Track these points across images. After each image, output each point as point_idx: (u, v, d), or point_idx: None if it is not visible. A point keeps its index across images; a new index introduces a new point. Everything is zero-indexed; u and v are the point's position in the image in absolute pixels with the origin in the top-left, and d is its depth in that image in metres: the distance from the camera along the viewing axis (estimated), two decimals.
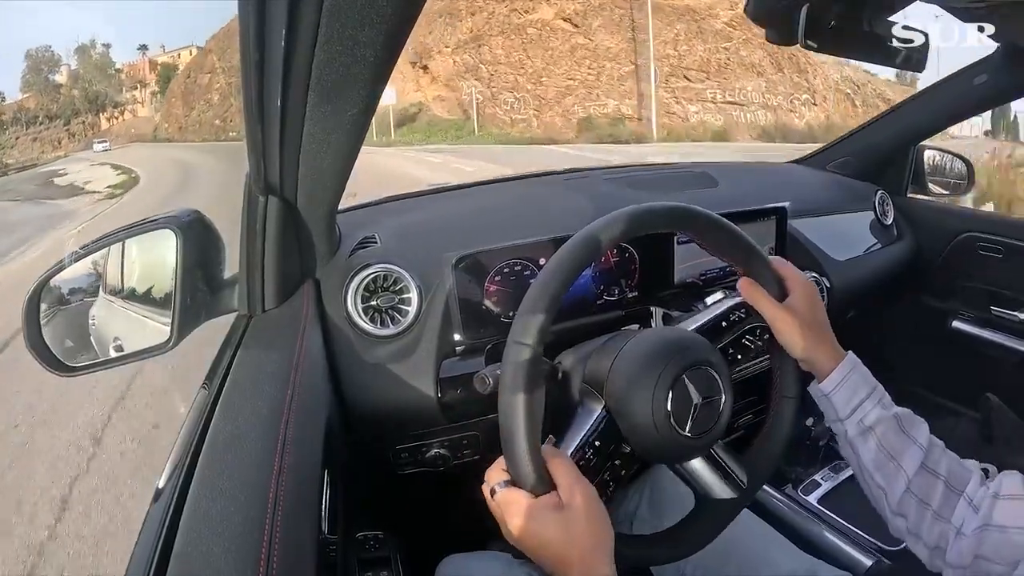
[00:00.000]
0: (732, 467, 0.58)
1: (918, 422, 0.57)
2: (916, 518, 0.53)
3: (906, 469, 0.54)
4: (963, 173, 1.36)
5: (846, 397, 0.57)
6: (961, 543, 0.50)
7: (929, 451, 0.55)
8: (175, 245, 0.63)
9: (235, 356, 0.56)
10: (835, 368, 0.57)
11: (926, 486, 0.53)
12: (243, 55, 0.41)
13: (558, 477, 0.48)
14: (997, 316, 1.22)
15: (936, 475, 0.53)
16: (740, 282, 0.58)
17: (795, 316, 0.57)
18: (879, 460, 0.55)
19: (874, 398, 0.57)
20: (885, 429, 0.56)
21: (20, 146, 55.20)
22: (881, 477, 0.55)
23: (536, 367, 0.47)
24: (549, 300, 0.48)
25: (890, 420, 0.56)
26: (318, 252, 0.73)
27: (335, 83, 0.42)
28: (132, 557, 0.39)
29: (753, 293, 0.58)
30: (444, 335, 0.74)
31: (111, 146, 38.44)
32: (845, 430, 0.58)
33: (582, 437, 0.53)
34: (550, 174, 1.28)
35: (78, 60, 59.62)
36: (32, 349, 0.61)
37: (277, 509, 0.37)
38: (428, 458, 0.79)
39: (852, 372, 0.57)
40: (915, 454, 0.54)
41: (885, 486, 0.55)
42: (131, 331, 0.71)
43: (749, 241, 0.58)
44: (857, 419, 0.57)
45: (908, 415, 0.57)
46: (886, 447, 0.55)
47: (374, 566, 0.66)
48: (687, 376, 0.52)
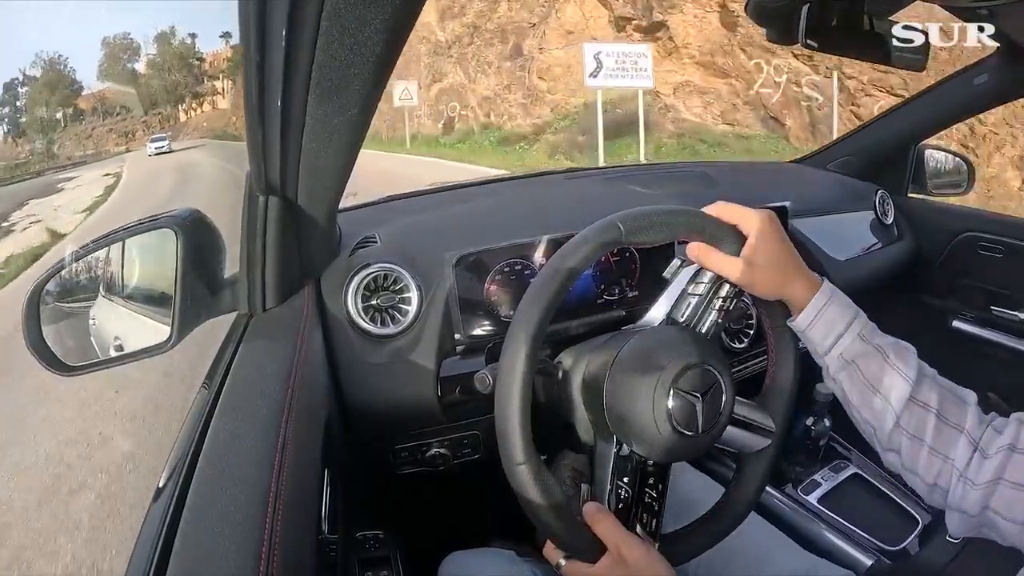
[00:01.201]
0: (755, 418, 0.58)
1: (905, 351, 0.53)
2: (910, 453, 0.51)
3: (893, 403, 0.51)
4: (963, 173, 1.36)
5: (823, 332, 0.54)
6: (969, 492, 0.48)
7: (918, 382, 0.51)
8: (175, 244, 0.63)
9: (235, 356, 0.56)
10: (810, 301, 0.54)
11: (916, 420, 0.51)
12: (243, 55, 0.41)
13: (605, 540, 0.51)
14: (997, 316, 1.22)
15: (927, 408, 0.51)
16: (688, 248, 0.55)
17: (756, 261, 0.53)
18: (864, 395, 0.52)
19: (853, 330, 0.53)
20: (868, 362, 0.52)
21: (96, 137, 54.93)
22: (868, 412, 0.53)
23: (538, 469, 0.50)
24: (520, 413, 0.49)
25: (872, 352, 0.53)
26: (318, 251, 0.73)
27: (335, 83, 0.42)
28: (132, 556, 0.39)
29: (703, 255, 0.54)
30: (444, 334, 0.74)
31: (170, 145, 33.70)
32: (827, 365, 0.55)
33: (609, 480, 0.55)
34: (550, 174, 1.28)
35: (157, 48, 59.21)
36: (32, 349, 0.61)
37: (277, 508, 0.37)
38: (428, 458, 0.79)
39: (828, 304, 0.54)
40: (902, 387, 0.51)
41: (874, 421, 0.53)
42: (131, 330, 0.71)
43: (679, 211, 0.55)
44: (836, 354, 0.53)
45: (894, 344, 0.54)
46: (870, 381, 0.52)
47: (374, 566, 0.66)
48: (687, 375, 0.52)
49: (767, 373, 0.61)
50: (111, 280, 0.76)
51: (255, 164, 0.52)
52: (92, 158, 42.10)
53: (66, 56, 62.96)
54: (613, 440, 0.55)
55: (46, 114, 59.55)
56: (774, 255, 0.54)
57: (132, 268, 0.75)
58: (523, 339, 0.50)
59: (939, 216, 1.32)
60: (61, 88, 59.52)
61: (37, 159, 49.25)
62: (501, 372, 0.50)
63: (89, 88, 61.93)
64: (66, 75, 61.08)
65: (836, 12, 0.56)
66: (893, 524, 0.92)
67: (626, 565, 0.49)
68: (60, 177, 29.43)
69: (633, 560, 0.49)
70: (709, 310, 0.58)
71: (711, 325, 0.58)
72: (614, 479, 0.55)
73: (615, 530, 0.51)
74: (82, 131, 57.81)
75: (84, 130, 58.05)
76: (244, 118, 0.48)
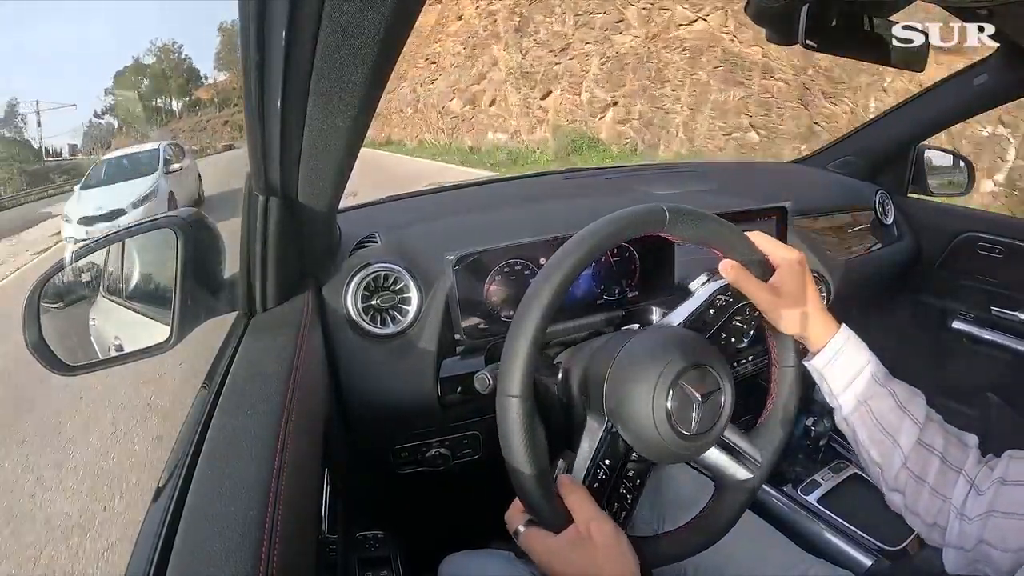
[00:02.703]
0: (743, 447, 0.58)
1: (915, 396, 0.56)
2: (913, 494, 0.53)
3: (902, 445, 0.53)
4: (963, 173, 1.36)
5: (839, 372, 0.56)
6: (965, 527, 0.49)
7: (925, 426, 0.54)
8: (175, 244, 0.63)
9: (235, 356, 0.56)
10: (828, 342, 0.56)
11: (922, 461, 0.52)
12: (243, 55, 0.41)
13: (575, 512, 0.50)
14: (997, 316, 1.22)
15: (932, 450, 0.52)
16: (722, 264, 0.56)
17: (782, 294, 0.55)
18: (874, 436, 0.54)
19: (868, 372, 0.55)
20: (880, 404, 0.54)
21: (210, 129, 51.77)
22: (877, 453, 0.55)
23: (529, 415, 0.49)
24: (527, 349, 0.49)
25: (885, 395, 0.55)
26: (318, 251, 0.73)
27: (335, 83, 0.42)
28: (132, 556, 0.39)
29: (737, 275, 0.55)
30: (444, 335, 0.74)
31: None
32: (840, 405, 0.57)
33: (591, 459, 0.54)
34: (550, 174, 1.28)
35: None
36: (33, 349, 0.61)
37: (277, 509, 0.37)
38: (428, 458, 0.79)
39: (845, 345, 0.56)
40: (911, 429, 0.53)
41: (881, 462, 0.54)
42: (131, 330, 0.71)
43: (725, 224, 0.56)
44: (852, 394, 0.55)
45: (905, 389, 0.56)
46: (881, 423, 0.54)
47: (374, 566, 0.66)
48: (687, 375, 0.52)
49: (764, 410, 0.61)
50: (111, 280, 0.76)
51: (255, 164, 0.52)
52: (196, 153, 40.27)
53: (181, 44, 61.32)
54: (606, 420, 0.54)
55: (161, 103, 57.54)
56: (798, 291, 0.56)
57: (132, 268, 0.75)
58: (558, 274, 0.49)
59: (939, 216, 1.32)
60: (175, 77, 57.60)
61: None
62: (524, 300, 0.50)
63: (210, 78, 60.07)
64: (181, 63, 59.06)
65: (836, 12, 0.56)
66: (893, 524, 0.92)
67: (591, 543, 0.48)
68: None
69: (602, 539, 0.48)
70: (725, 328, 0.60)
71: (723, 342, 0.59)
72: (596, 457, 0.54)
73: (588, 504, 0.50)
74: (196, 123, 54.27)
75: (199, 121, 54.17)
76: (244, 118, 0.48)
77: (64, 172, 36.62)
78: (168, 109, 58.97)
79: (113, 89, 59.83)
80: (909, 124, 1.26)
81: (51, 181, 29.55)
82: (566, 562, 0.48)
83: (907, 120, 1.26)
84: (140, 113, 55.27)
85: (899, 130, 1.28)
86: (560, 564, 0.48)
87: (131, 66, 59.41)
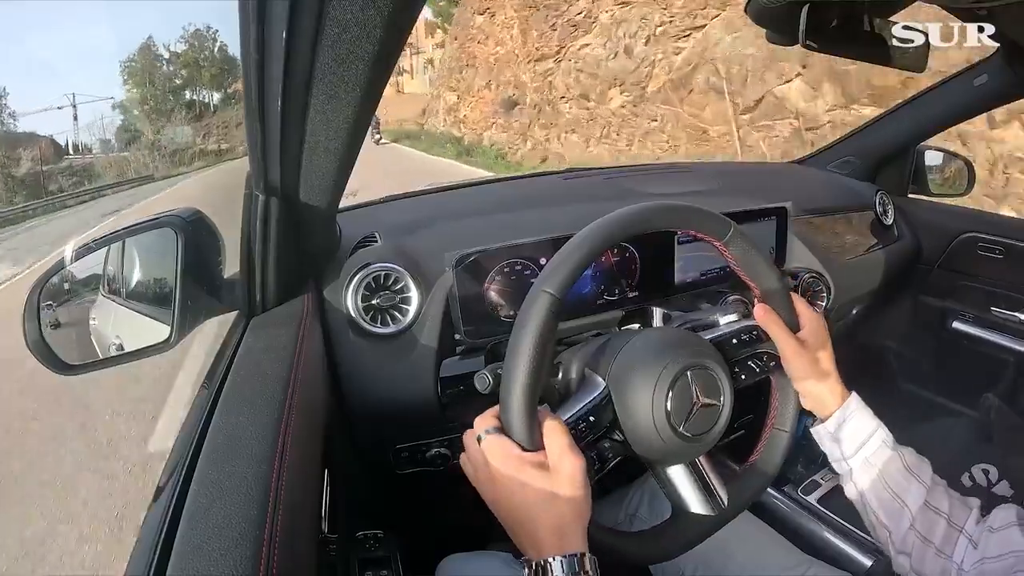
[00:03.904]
0: (715, 484, 0.57)
1: (922, 461, 0.58)
2: (919, 555, 0.54)
3: (910, 507, 0.54)
4: (963, 173, 1.36)
5: (851, 435, 0.58)
6: None
7: (932, 489, 0.55)
8: (175, 244, 0.63)
9: (235, 356, 0.56)
10: (840, 406, 0.58)
11: (929, 523, 0.54)
12: (243, 55, 0.41)
13: (550, 441, 0.46)
14: (997, 317, 1.22)
15: (939, 513, 0.54)
16: (757, 307, 0.59)
17: (806, 348, 0.58)
18: (883, 498, 0.56)
19: (878, 436, 0.57)
20: (889, 467, 0.56)
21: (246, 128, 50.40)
22: (886, 515, 0.56)
23: (554, 320, 0.47)
24: (581, 256, 0.49)
25: (894, 458, 0.56)
26: (318, 251, 0.73)
27: (335, 83, 0.42)
28: (132, 556, 0.39)
29: (769, 319, 0.59)
30: (444, 334, 0.74)
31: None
32: (850, 468, 0.58)
33: (580, 408, 0.52)
34: (550, 174, 1.28)
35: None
36: (33, 348, 0.61)
37: (277, 508, 0.37)
38: (428, 458, 0.79)
39: (856, 411, 0.58)
40: (919, 491, 0.55)
41: (890, 524, 0.55)
42: (131, 330, 0.71)
43: (775, 269, 0.59)
44: (862, 457, 0.57)
45: (911, 453, 0.58)
46: (891, 485, 0.56)
47: (374, 566, 0.66)
48: (690, 374, 0.52)
49: (747, 460, 0.61)
50: (111, 279, 0.76)
51: (255, 164, 0.52)
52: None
53: (215, 29, 51.71)
54: (604, 383, 0.53)
55: (195, 97, 51.23)
56: (820, 350, 0.60)
57: (132, 267, 0.75)
58: (600, 231, 0.50)
59: (939, 217, 1.32)
60: (208, 68, 50.38)
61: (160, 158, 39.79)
62: (602, 220, 0.51)
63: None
64: (216, 53, 50.98)
65: (836, 12, 0.56)
66: None
67: (556, 473, 0.45)
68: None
69: (569, 471, 0.44)
70: (740, 363, 0.60)
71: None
72: (584, 411, 0.52)
73: (566, 438, 0.46)
74: (231, 119, 47.49)
75: (234, 117, 47.12)
76: (244, 118, 0.48)
77: (74, 174, 33.99)
78: (203, 102, 52.38)
79: (127, 81, 52.58)
80: (909, 124, 1.26)
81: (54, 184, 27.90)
82: (522, 478, 0.44)
83: (907, 120, 1.26)
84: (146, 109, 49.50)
85: (899, 130, 1.28)
86: (517, 481, 0.45)
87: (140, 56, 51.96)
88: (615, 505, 0.86)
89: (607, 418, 0.53)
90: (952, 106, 1.16)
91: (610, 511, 0.86)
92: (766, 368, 0.60)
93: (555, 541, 0.43)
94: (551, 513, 0.44)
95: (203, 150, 44.38)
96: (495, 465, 0.46)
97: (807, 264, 1.02)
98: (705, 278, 0.90)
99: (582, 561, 0.43)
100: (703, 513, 0.55)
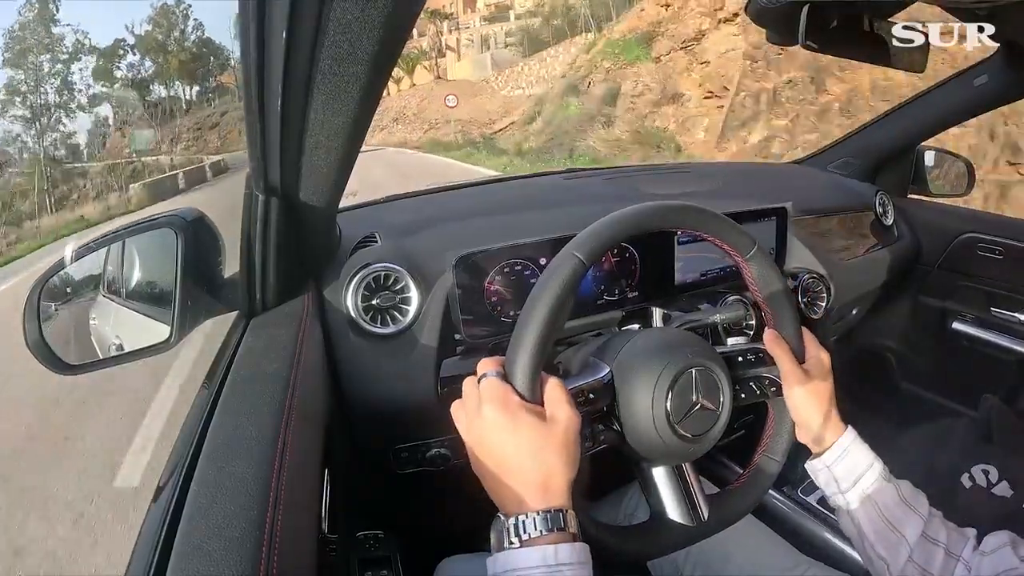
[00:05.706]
0: (698, 497, 0.56)
1: (918, 493, 0.58)
2: None
3: (908, 538, 0.54)
4: (963, 174, 1.36)
5: (848, 468, 0.58)
6: None
7: (929, 520, 0.55)
8: (175, 244, 0.63)
9: (235, 356, 0.56)
10: (836, 440, 0.59)
11: (927, 555, 0.54)
12: (243, 55, 0.41)
13: (549, 393, 0.46)
14: (997, 317, 1.22)
15: (936, 543, 0.54)
16: (766, 333, 0.61)
17: (809, 379, 0.59)
18: (881, 531, 0.56)
19: (875, 469, 0.58)
20: (886, 499, 0.56)
21: (223, 127, 38.97)
22: (883, 548, 0.56)
23: (575, 285, 0.48)
24: (613, 233, 0.50)
25: (891, 490, 0.57)
26: (318, 251, 0.73)
27: (335, 83, 0.42)
28: (132, 556, 0.39)
29: (776, 346, 0.60)
30: (444, 334, 0.74)
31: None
32: (847, 501, 0.58)
33: (582, 382, 0.52)
34: (550, 174, 1.28)
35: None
36: (33, 348, 0.62)
37: (277, 508, 0.37)
38: (428, 458, 0.79)
39: (853, 444, 0.59)
40: (916, 524, 0.55)
41: (887, 557, 0.55)
42: (131, 330, 0.71)
43: (792, 299, 0.60)
44: (859, 490, 0.57)
45: (907, 485, 0.58)
46: (888, 518, 0.56)
47: (374, 566, 0.66)
48: (692, 373, 0.52)
49: (731, 484, 0.61)
50: (112, 279, 0.76)
51: (255, 164, 0.52)
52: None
53: (188, 3, 39.88)
54: (608, 368, 0.53)
55: (166, 92, 40.21)
56: (823, 383, 0.60)
57: (132, 267, 0.75)
58: (636, 215, 0.51)
59: (939, 217, 1.33)
60: (176, 52, 38.99)
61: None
62: (644, 205, 0.53)
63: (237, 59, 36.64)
64: (187, 36, 39.70)
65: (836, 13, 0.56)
66: None
67: (552, 425, 0.44)
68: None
69: (559, 425, 0.44)
70: (742, 380, 0.60)
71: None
72: (587, 385, 0.52)
73: (566, 396, 0.46)
74: (206, 119, 38.42)
75: (210, 117, 38.41)
76: (244, 118, 0.48)
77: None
78: (185, 98, 41.57)
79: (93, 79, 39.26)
80: (909, 125, 1.26)
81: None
82: (516, 422, 0.44)
83: (907, 121, 1.26)
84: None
85: (899, 131, 1.28)
86: (509, 420, 0.44)
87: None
88: (614, 506, 0.86)
89: (605, 400, 0.53)
90: (952, 106, 1.17)
91: (609, 511, 0.86)
92: (766, 393, 0.60)
93: (539, 495, 0.42)
94: (539, 462, 0.43)
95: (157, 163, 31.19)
96: (491, 407, 0.45)
97: (807, 264, 1.02)
98: (705, 279, 0.90)
99: (566, 517, 0.42)
100: (680, 522, 0.54)
